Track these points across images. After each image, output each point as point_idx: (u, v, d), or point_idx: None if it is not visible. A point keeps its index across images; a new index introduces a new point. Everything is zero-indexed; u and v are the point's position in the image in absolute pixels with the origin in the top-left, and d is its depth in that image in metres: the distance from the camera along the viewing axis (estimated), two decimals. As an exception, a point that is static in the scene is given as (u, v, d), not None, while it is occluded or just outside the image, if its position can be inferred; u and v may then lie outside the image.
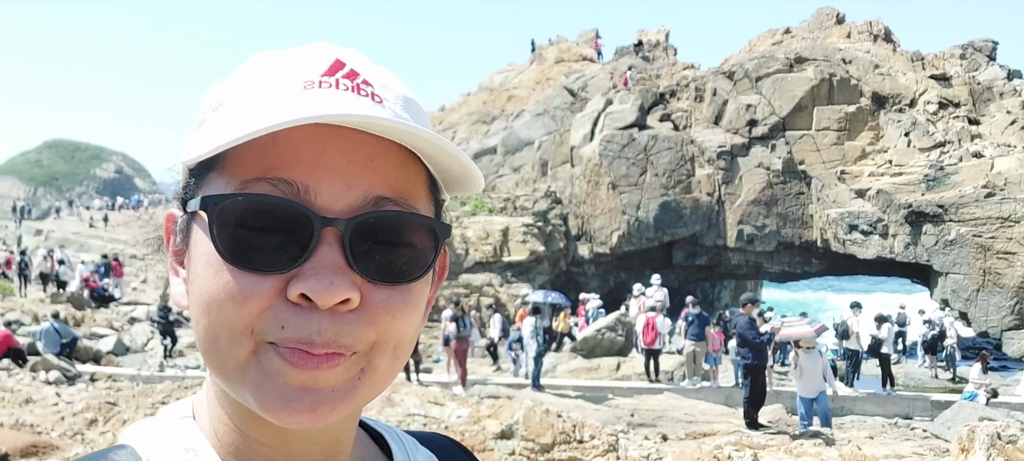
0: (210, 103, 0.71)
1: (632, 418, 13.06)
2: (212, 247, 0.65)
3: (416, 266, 0.69)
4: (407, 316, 0.69)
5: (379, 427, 0.88)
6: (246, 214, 0.64)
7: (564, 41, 46.57)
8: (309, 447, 0.73)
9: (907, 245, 24.24)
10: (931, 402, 15.49)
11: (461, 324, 15.87)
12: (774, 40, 33.12)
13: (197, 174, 0.70)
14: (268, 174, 0.64)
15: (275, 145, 0.64)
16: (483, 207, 30.72)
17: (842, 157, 26.88)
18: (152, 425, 0.75)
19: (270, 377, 0.64)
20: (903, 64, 28.07)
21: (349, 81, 0.68)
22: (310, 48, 0.71)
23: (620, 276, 29.46)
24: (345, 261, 0.64)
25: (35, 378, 13.33)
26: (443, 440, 0.95)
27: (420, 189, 0.71)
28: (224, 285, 0.64)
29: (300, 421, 0.64)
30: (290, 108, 0.63)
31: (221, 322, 0.64)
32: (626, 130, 29.15)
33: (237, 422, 0.72)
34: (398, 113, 0.69)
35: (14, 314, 19.26)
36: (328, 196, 0.65)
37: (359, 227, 0.65)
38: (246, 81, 0.70)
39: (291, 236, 0.64)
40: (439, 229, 0.71)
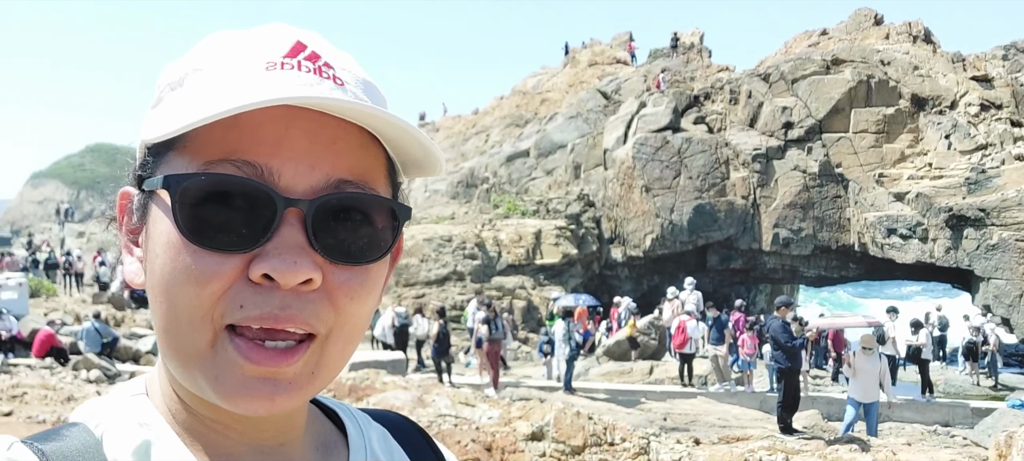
0: (168, 81, 0.71)
1: (665, 422, 12.99)
2: (173, 227, 0.65)
3: (376, 247, 0.70)
4: (364, 298, 0.69)
5: (332, 404, 0.88)
6: (209, 194, 0.64)
7: (597, 44, 46.46)
8: (262, 424, 0.74)
9: (947, 249, 23.79)
10: (971, 409, 15.20)
11: (493, 326, 15.92)
12: (810, 42, 32.71)
13: (156, 153, 0.69)
14: (231, 155, 0.64)
15: (238, 126, 0.64)
16: (516, 210, 30.75)
17: (880, 160, 26.47)
18: (104, 403, 0.75)
19: (227, 367, 0.64)
20: (943, 65, 27.56)
21: (310, 63, 0.68)
22: (270, 29, 0.71)
23: (653, 279, 29.29)
24: (307, 241, 0.65)
25: (77, 376, 13.61)
26: (397, 418, 0.95)
27: (380, 172, 0.72)
28: (185, 266, 0.64)
29: (256, 409, 0.65)
30: (253, 89, 0.63)
31: (182, 303, 0.65)
32: (660, 133, 28.98)
33: (190, 401, 0.72)
34: (359, 96, 0.69)
35: (57, 314, 19.69)
36: (291, 177, 0.65)
37: (321, 208, 0.65)
38: (206, 60, 0.69)
39: (254, 216, 0.64)
40: (399, 211, 0.72)
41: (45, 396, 11.37)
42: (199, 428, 0.72)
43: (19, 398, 11.06)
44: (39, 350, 14.93)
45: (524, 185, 33.69)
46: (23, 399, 11.06)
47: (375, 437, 0.87)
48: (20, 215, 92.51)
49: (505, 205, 31.46)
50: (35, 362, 14.48)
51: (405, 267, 27.17)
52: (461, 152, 39.87)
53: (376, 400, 10.06)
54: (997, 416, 11.86)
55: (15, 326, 16.07)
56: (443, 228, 29.23)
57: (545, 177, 33.74)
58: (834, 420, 14.22)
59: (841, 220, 26.94)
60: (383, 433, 0.90)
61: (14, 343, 15.76)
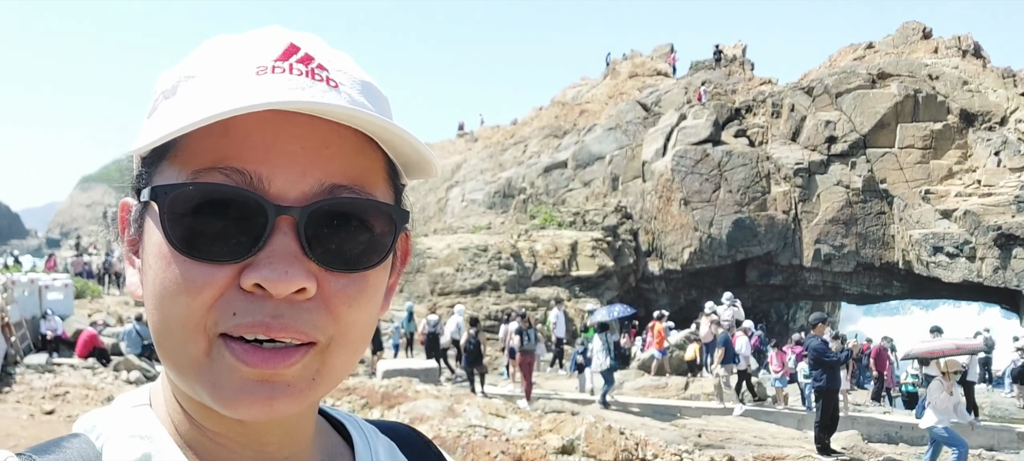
0: (162, 89, 0.70)
1: (699, 439, 12.80)
2: (163, 238, 0.64)
3: (373, 253, 0.68)
4: (364, 305, 0.68)
5: (339, 416, 0.87)
6: (198, 204, 0.63)
7: (638, 56, 46.31)
8: (266, 437, 0.72)
9: (995, 269, 23.20)
10: (1018, 434, 14.74)
11: (525, 337, 15.86)
12: (856, 55, 32.23)
13: (149, 163, 0.69)
14: (220, 163, 0.63)
15: (227, 133, 0.63)
16: (552, 221, 30.70)
17: (927, 176, 25.94)
18: (106, 413, 0.74)
19: (225, 373, 0.63)
20: (993, 81, 26.93)
21: (303, 66, 0.67)
22: (263, 32, 0.70)
23: (691, 294, 29.01)
24: (300, 249, 0.63)
25: (117, 377, 13.87)
26: (405, 429, 0.94)
27: (377, 175, 0.70)
28: (176, 277, 0.63)
29: (256, 413, 0.63)
30: (242, 95, 0.62)
31: (175, 314, 0.63)
32: (700, 145, 28.77)
33: (192, 412, 0.71)
34: (354, 98, 0.67)
35: (100, 315, 20.12)
36: (281, 184, 0.63)
37: (314, 215, 0.64)
38: (198, 67, 0.68)
39: (244, 225, 0.62)
40: (397, 215, 0.70)
41: (86, 396, 11.61)
42: (202, 440, 0.71)
43: (61, 397, 11.31)
44: (82, 350, 15.27)
45: (561, 196, 33.64)
46: (65, 398, 11.30)
47: (382, 449, 0.86)
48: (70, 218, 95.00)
49: (542, 216, 31.44)
50: (78, 362, 14.80)
51: (441, 276, 27.27)
52: (499, 162, 39.95)
53: (408, 408, 10.07)
54: (1045, 442, 11.48)
55: (60, 326, 16.46)
56: (479, 238, 29.29)
57: (582, 188, 33.66)
58: (875, 441, 13.91)
59: (885, 237, 26.43)
60: (390, 445, 0.88)
61: (59, 343, 16.14)
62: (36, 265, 31.19)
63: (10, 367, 13.21)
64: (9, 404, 10.57)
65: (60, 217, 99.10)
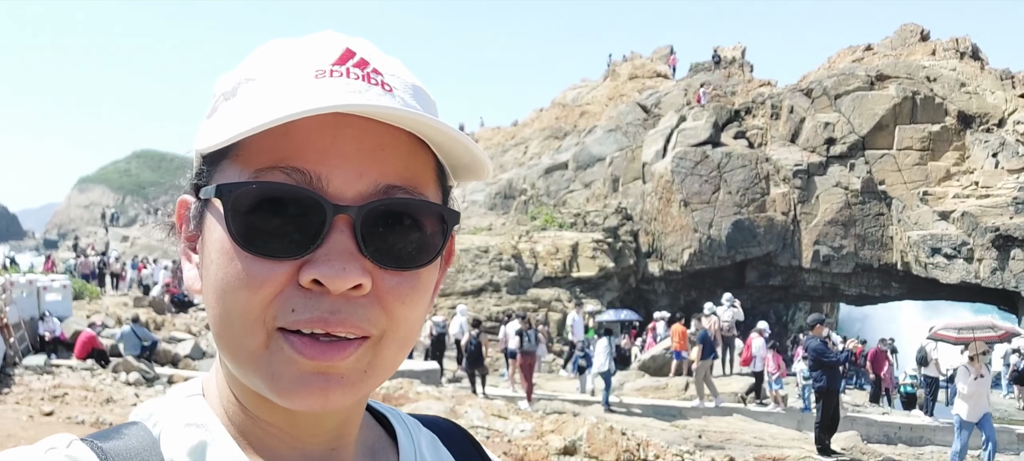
0: (222, 91, 0.72)
1: (700, 439, 12.82)
2: (226, 234, 0.66)
3: (426, 252, 0.70)
4: (416, 302, 0.70)
5: (383, 409, 0.89)
6: (260, 202, 0.65)
7: (638, 57, 46.33)
8: (317, 429, 0.75)
9: (994, 270, 23.24)
10: (1017, 435, 14.77)
11: (526, 338, 15.86)
12: (854, 57, 32.26)
13: (210, 162, 0.71)
14: (281, 163, 0.65)
15: (287, 134, 0.65)
16: (553, 222, 30.71)
17: (925, 178, 25.97)
18: (162, 403, 0.77)
19: (283, 365, 0.65)
20: (991, 82, 26.97)
21: (359, 70, 0.69)
22: (319, 37, 0.72)
23: (691, 295, 29.03)
24: (356, 247, 0.65)
25: (116, 379, 13.85)
26: (446, 424, 0.96)
27: (429, 177, 0.72)
28: (238, 272, 0.65)
29: (312, 404, 0.66)
30: (302, 98, 0.64)
31: (235, 308, 0.66)
32: (699, 147, 28.79)
33: (246, 403, 0.74)
34: (407, 102, 0.70)
35: (98, 316, 20.09)
36: (339, 184, 0.66)
37: (370, 214, 0.66)
38: (257, 70, 0.70)
39: (303, 223, 0.65)
40: (448, 215, 0.72)
41: (85, 397, 11.59)
42: (254, 430, 0.74)
43: (60, 398, 11.29)
44: (81, 352, 15.23)
45: (562, 197, 33.65)
46: (64, 399, 11.28)
47: (425, 443, 0.88)
48: (67, 218, 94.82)
49: (542, 217, 31.45)
50: (76, 363, 14.77)
51: (441, 277, 27.26)
52: (499, 164, 39.96)
53: (409, 409, 10.08)
54: (1045, 443, 11.49)
55: (58, 327, 16.43)
56: (480, 239, 29.29)
57: (583, 190, 33.68)
58: (874, 442, 13.93)
59: (883, 238, 26.47)
60: (433, 439, 0.90)
61: (57, 344, 16.11)
62: (33, 266, 31.14)
63: (9, 368, 13.18)
64: (8, 405, 10.56)
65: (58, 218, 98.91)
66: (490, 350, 19.68)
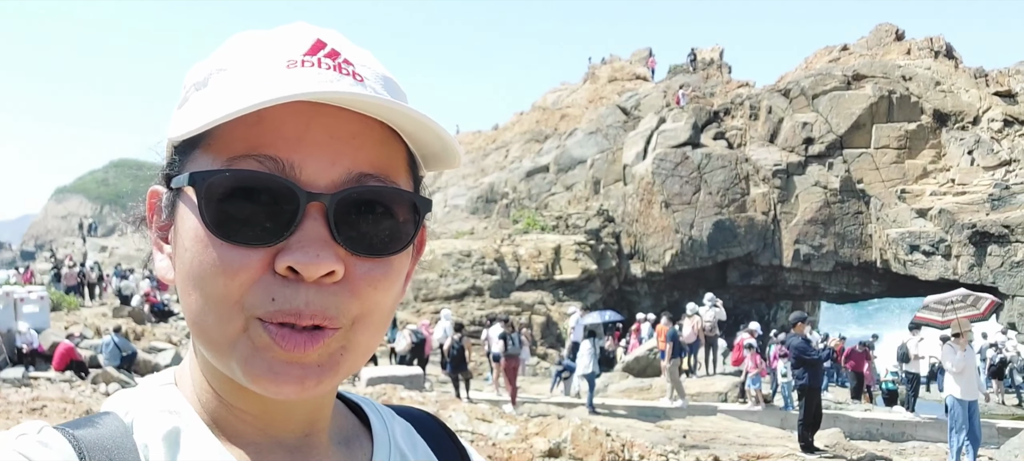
0: (193, 82, 0.73)
1: (684, 439, 12.86)
2: (200, 222, 0.67)
3: (398, 239, 0.71)
4: (388, 288, 0.71)
5: (357, 399, 0.90)
6: (233, 190, 0.66)
7: (617, 60, 46.51)
8: (290, 416, 0.76)
9: (971, 266, 23.50)
10: (997, 429, 14.93)
11: (509, 341, 15.84)
12: (831, 57, 32.55)
13: (182, 151, 0.72)
14: (254, 151, 0.66)
15: (260, 123, 0.66)
16: (535, 225, 30.73)
17: (902, 176, 26.24)
18: (135, 393, 0.77)
19: (259, 352, 0.66)
20: (966, 81, 27.30)
21: (330, 60, 0.69)
22: (291, 28, 0.73)
23: (673, 295, 29.12)
24: (329, 234, 0.66)
25: (96, 390, 13.69)
26: (420, 413, 0.97)
27: (401, 165, 0.73)
28: (213, 259, 0.66)
29: (286, 392, 0.67)
30: (274, 86, 0.65)
31: (212, 296, 0.66)
32: (679, 148, 28.93)
33: (219, 391, 0.74)
34: (378, 91, 0.70)
35: (77, 327, 19.86)
36: (312, 172, 0.66)
37: (343, 202, 0.67)
38: (229, 60, 0.71)
39: (277, 211, 0.65)
40: (420, 203, 0.73)
41: (64, 410, 11.45)
42: (227, 417, 0.74)
43: (39, 411, 11.14)
44: (59, 363, 15.07)
45: (544, 200, 33.68)
46: (43, 412, 11.14)
47: (399, 431, 0.89)
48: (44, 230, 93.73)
49: (524, 220, 31.46)
50: (55, 375, 14.60)
51: (424, 282, 27.20)
52: (481, 167, 39.95)
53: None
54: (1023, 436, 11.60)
55: (36, 339, 16.22)
56: (462, 243, 29.25)
57: (565, 192, 33.73)
58: (856, 438, 14.03)
59: (863, 236, 26.70)
60: (407, 427, 0.91)
61: (35, 356, 15.91)
62: (9, 278, 30.72)
63: (-14, 381, 13.02)
64: (-13, 419, 10.42)
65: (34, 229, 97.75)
66: (474, 354, 19.66)
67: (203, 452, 0.71)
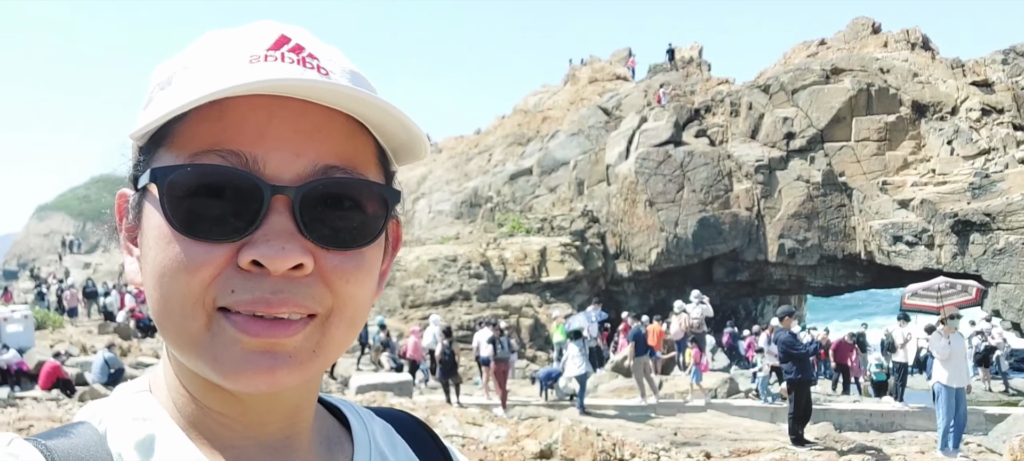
0: (157, 82, 0.72)
1: (675, 437, 12.89)
2: (163, 219, 0.66)
3: (367, 232, 0.70)
4: (361, 281, 0.70)
5: (335, 402, 0.89)
6: (196, 185, 0.65)
7: (597, 61, 46.63)
8: (268, 417, 0.74)
9: (954, 255, 23.68)
10: (985, 416, 15.06)
11: (498, 345, 15.83)
12: (809, 52, 32.76)
13: (147, 151, 0.71)
14: (216, 146, 0.65)
15: (222, 117, 0.65)
16: (520, 228, 30.75)
17: (883, 168, 26.43)
18: (108, 402, 0.76)
19: (226, 346, 0.65)
20: (943, 71, 27.55)
21: (294, 55, 0.69)
22: (256, 25, 0.72)
23: (660, 294, 29.22)
24: (296, 228, 0.65)
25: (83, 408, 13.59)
26: (400, 413, 0.96)
27: (369, 158, 0.72)
28: (176, 255, 0.65)
29: (258, 384, 0.65)
30: (234, 80, 0.64)
31: (174, 293, 0.65)
32: (662, 147, 29.03)
33: (194, 393, 0.72)
34: (344, 85, 0.69)
35: (63, 345, 19.69)
36: (276, 165, 0.66)
37: (309, 194, 0.66)
38: (193, 58, 0.70)
39: (241, 205, 0.65)
40: (389, 195, 0.72)
41: (51, 428, 11.35)
42: (204, 421, 0.73)
43: (25, 431, 11.03)
44: (45, 382, 14.93)
45: (528, 203, 33.70)
46: (29, 432, 11.03)
47: (379, 432, 0.88)
48: (26, 248, 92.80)
49: (509, 223, 31.46)
50: (41, 394, 14.47)
51: (411, 288, 27.15)
52: (464, 172, 39.92)
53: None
54: (1011, 421, 11.72)
55: (15, 360, 16.05)
56: (448, 248, 29.22)
57: (549, 194, 33.77)
58: (846, 430, 14.11)
59: (846, 229, 26.88)
60: (387, 428, 0.90)
61: (20, 375, 15.75)
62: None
63: (-29, 403, 12.87)
64: (-28, 441, 10.30)
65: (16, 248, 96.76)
66: (463, 359, 19.63)
67: (179, 458, 0.70)
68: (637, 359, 15.95)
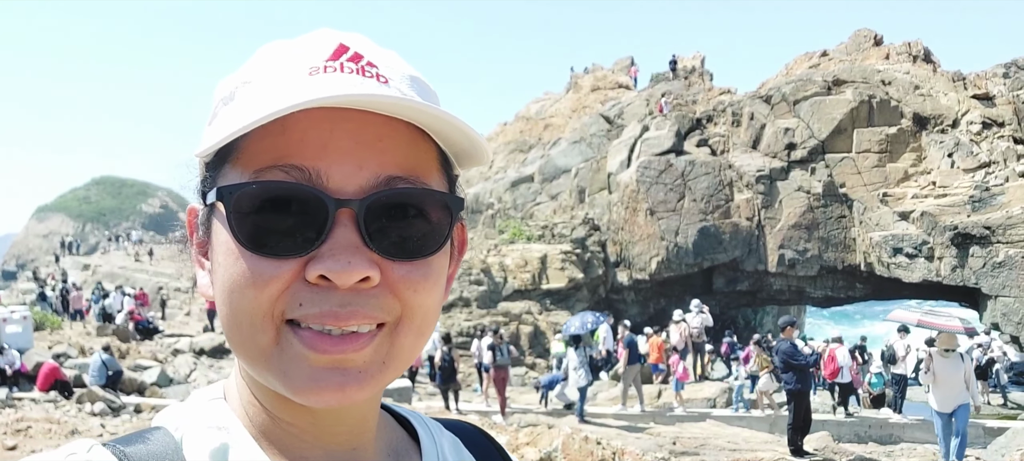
0: (221, 97, 0.73)
1: (674, 446, 12.88)
2: (230, 236, 0.67)
3: (432, 241, 0.70)
4: (429, 290, 0.70)
5: (404, 412, 0.89)
6: (261, 202, 0.66)
7: (599, 69, 46.70)
8: (337, 428, 0.75)
9: (954, 268, 23.69)
10: (984, 429, 15.05)
11: (498, 352, 15.83)
12: (811, 63, 32.82)
13: (213, 168, 0.72)
14: (280, 161, 0.66)
15: (284, 132, 0.66)
16: (521, 235, 30.75)
17: (884, 179, 26.46)
18: (184, 408, 0.77)
19: (295, 361, 0.65)
20: (944, 84, 27.61)
21: (353, 64, 0.69)
22: (314, 35, 0.73)
23: (660, 302, 29.21)
24: (361, 240, 0.66)
25: (81, 410, 13.58)
26: (469, 427, 0.96)
27: (431, 165, 0.72)
28: (243, 271, 0.66)
29: (328, 400, 0.66)
30: (296, 94, 0.64)
31: (243, 308, 0.66)
32: (663, 156, 29.05)
33: (266, 404, 0.74)
34: (404, 92, 0.70)
35: (61, 346, 19.68)
36: (339, 179, 0.66)
37: (373, 206, 0.66)
38: (254, 73, 0.71)
39: (306, 220, 0.65)
40: (452, 203, 0.72)
41: (49, 430, 11.33)
42: (275, 431, 0.74)
43: (24, 432, 11.02)
44: (43, 383, 14.92)
45: (529, 210, 33.72)
46: (28, 433, 11.01)
47: (447, 445, 0.88)
48: (25, 249, 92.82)
49: (510, 230, 31.47)
50: (39, 396, 14.46)
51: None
52: (465, 178, 39.10)
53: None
54: (1010, 435, 11.70)
55: (18, 360, 16.05)
56: (448, 255, 29.18)
57: (550, 202, 33.79)
58: (845, 441, 14.11)
59: (846, 240, 26.89)
60: (455, 441, 0.90)
61: (18, 377, 15.74)
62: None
63: (-30, 404, 12.86)
64: (-29, 441, 10.27)
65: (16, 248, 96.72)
66: (462, 365, 19.62)
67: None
68: (628, 367, 15.95)
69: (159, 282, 36.69)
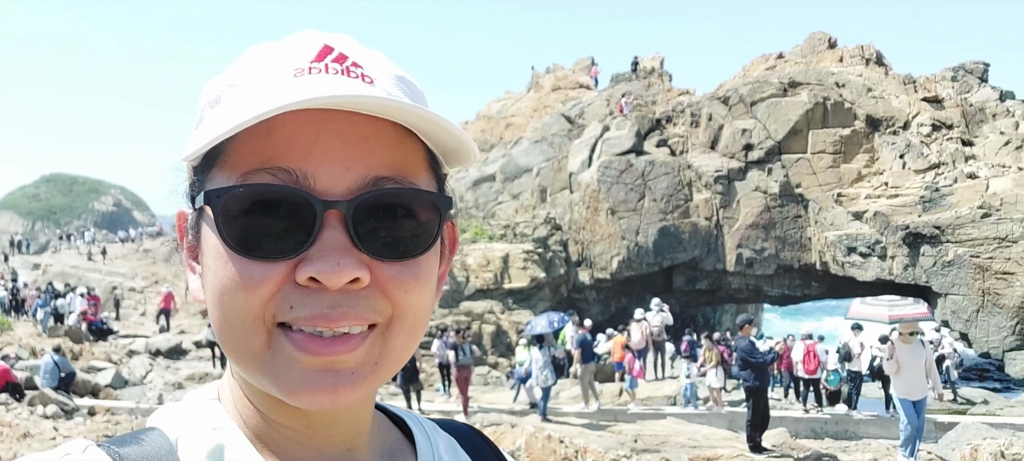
0: (207, 100, 0.73)
1: (635, 444, 13.01)
2: (219, 239, 0.67)
3: (422, 240, 0.70)
4: (419, 290, 0.70)
5: (400, 412, 0.90)
6: (249, 205, 0.66)
7: (560, 69, 46.83)
8: (331, 430, 0.76)
9: (905, 266, 24.30)
10: (935, 424, 15.41)
11: (460, 352, 15.83)
12: (768, 65, 33.36)
13: (200, 171, 0.72)
14: (266, 164, 0.66)
15: (271, 135, 0.66)
16: (483, 234, 30.75)
17: (838, 180, 27.01)
18: (179, 408, 0.77)
19: (287, 364, 0.66)
20: (895, 87, 28.30)
21: (338, 65, 0.69)
22: (299, 37, 0.73)
23: (621, 301, 29.46)
24: (350, 241, 0.66)
25: (33, 412, 13.27)
26: (464, 427, 0.96)
27: (419, 165, 0.72)
28: (233, 274, 0.66)
29: (321, 402, 0.66)
30: (281, 96, 0.64)
31: (234, 311, 0.66)
32: (623, 156, 29.29)
33: (260, 406, 0.74)
34: (390, 92, 0.70)
35: (12, 348, 19.19)
36: (326, 180, 0.66)
37: (361, 207, 0.66)
38: (239, 75, 0.71)
39: (295, 222, 0.65)
40: (441, 202, 0.72)
41: (1, 433, 11.05)
42: (269, 433, 0.74)
43: (-24, 437, 10.74)
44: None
45: (491, 209, 33.74)
46: (-19, 438, 10.74)
47: (443, 446, 0.88)
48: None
49: (472, 230, 31.46)
50: (-9, 399, 14.08)
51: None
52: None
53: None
54: (960, 430, 12.01)
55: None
56: (409, 254, 29.07)
57: (512, 201, 33.84)
58: (802, 437, 14.37)
59: (802, 239, 27.38)
60: (451, 442, 0.90)
61: (-32, 380, 15.31)
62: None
63: (-83, 408, 12.49)
64: (-81, 447, 10.00)
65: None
66: (424, 365, 19.58)
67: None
68: (585, 366, 16.08)
69: (113, 282, 35.95)
